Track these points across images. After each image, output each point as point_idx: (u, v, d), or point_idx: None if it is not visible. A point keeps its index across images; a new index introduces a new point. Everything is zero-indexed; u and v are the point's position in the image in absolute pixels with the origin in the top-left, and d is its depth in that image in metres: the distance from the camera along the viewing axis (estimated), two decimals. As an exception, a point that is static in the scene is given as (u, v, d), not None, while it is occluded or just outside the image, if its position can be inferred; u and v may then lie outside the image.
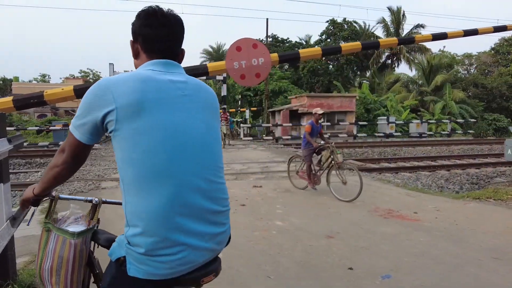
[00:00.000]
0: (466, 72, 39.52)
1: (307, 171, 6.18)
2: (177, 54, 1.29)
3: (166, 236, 1.05)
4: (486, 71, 37.24)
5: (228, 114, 17.56)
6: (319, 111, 6.20)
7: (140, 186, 1.06)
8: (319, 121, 6.30)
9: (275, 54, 3.55)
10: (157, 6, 1.24)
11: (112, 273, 1.14)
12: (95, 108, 1.08)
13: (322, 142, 6.23)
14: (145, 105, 1.07)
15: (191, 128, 1.15)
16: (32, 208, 1.48)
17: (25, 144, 2.82)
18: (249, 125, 22.44)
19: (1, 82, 52.57)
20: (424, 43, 34.96)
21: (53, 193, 1.55)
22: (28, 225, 1.77)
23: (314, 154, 6.24)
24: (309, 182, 6.15)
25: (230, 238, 1.30)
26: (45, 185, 1.28)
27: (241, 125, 21.46)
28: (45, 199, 1.52)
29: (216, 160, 1.21)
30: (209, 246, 1.15)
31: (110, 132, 1.10)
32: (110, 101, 1.06)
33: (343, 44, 3.90)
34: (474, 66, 39.50)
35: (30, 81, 51.67)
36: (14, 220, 2.55)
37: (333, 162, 5.75)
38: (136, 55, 1.28)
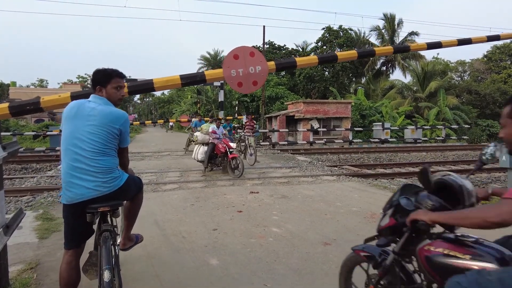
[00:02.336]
0: (459, 78, 40.02)
1: None
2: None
3: (68, 181, 2.11)
4: (479, 77, 37.74)
5: (254, 122, 14.59)
6: None
7: (62, 157, 2.18)
8: None
9: (272, 62, 3.58)
10: (99, 68, 2.39)
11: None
12: None
13: None
14: (67, 117, 2.20)
15: (83, 130, 2.15)
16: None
17: (21, 149, 2.82)
18: (246, 131, 22.42)
19: (-1, 87, 52.24)
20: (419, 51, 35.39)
21: None
22: None
23: None
24: None
25: (123, 185, 2.25)
26: None
27: (238, 130, 21.48)
28: None
29: (93, 148, 2.13)
30: (93, 188, 2.11)
31: None
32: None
33: (339, 52, 3.94)
34: (467, 73, 40.01)
35: (27, 86, 51.43)
36: (7, 228, 2.53)
37: None
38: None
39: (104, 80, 2.31)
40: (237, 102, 30.52)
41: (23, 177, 9.70)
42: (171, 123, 42.71)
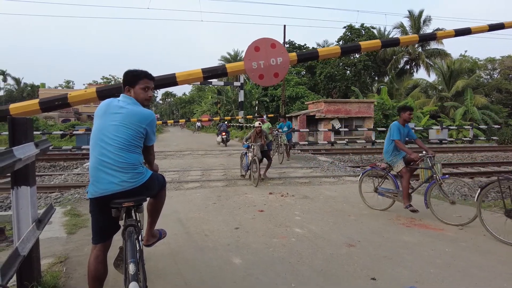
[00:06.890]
0: (488, 77, 38.34)
1: None
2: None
3: (95, 175, 2.18)
4: (511, 75, 36.00)
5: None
6: None
7: (90, 152, 2.26)
8: None
9: (294, 54, 3.51)
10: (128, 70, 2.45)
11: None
12: None
13: None
14: (97, 114, 2.29)
15: (110, 127, 2.22)
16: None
17: (50, 148, 2.90)
18: (266, 131, 22.37)
19: (30, 88, 54.93)
20: (445, 49, 34.24)
21: None
22: None
23: None
24: None
25: (147, 182, 2.29)
26: None
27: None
28: None
29: (118, 144, 2.19)
30: (118, 182, 2.16)
31: None
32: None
33: (362, 42, 3.82)
34: (497, 71, 38.27)
35: (55, 87, 53.86)
36: (40, 223, 2.61)
37: None
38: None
39: (133, 80, 2.39)
40: (257, 102, 30.51)
41: (52, 174, 10.09)
42: (198, 124, 36.46)
